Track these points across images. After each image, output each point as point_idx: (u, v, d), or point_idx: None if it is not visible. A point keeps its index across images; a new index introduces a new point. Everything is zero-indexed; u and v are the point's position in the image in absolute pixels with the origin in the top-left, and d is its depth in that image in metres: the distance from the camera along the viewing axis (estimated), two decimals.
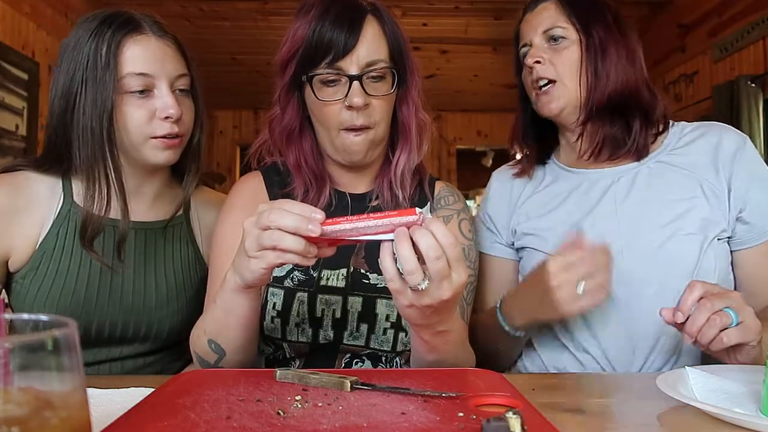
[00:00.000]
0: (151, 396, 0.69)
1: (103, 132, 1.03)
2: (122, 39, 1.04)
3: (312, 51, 0.98)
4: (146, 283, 1.13)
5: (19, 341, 0.39)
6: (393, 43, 1.03)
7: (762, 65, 3.41)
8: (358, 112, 0.99)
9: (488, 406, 0.68)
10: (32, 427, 0.39)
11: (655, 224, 1.08)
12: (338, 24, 0.97)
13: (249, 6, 4.34)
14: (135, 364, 1.14)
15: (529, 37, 1.18)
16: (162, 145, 1.07)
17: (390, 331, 1.03)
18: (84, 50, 1.03)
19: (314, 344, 1.03)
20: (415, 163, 1.11)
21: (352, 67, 0.98)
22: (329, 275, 1.05)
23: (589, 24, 1.14)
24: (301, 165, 1.08)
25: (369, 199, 1.12)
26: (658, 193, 1.11)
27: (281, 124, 1.08)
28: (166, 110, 1.05)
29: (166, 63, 1.06)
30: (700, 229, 1.06)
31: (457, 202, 1.17)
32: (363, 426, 0.59)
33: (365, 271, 1.05)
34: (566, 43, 1.14)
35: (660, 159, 1.14)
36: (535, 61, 1.14)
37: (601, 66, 1.12)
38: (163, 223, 1.17)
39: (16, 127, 3.49)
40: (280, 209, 0.74)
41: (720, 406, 0.67)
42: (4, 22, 3.36)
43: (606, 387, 0.88)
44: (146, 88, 1.05)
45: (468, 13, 4.49)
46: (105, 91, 1.02)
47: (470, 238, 1.13)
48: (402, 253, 0.71)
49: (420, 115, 1.10)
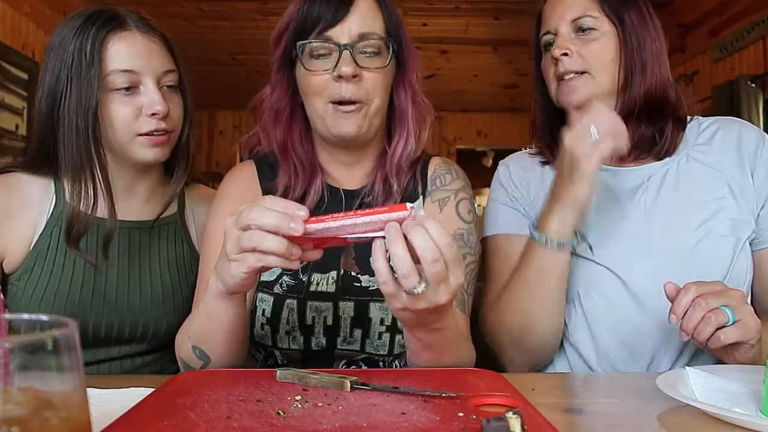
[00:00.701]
0: (151, 396, 0.69)
1: (88, 130, 1.02)
2: (106, 36, 1.03)
3: (302, 22, 0.95)
4: (141, 282, 1.12)
5: (19, 341, 0.39)
6: (389, 19, 0.98)
7: (762, 65, 3.41)
8: (347, 82, 0.93)
9: (488, 406, 0.67)
10: (32, 427, 0.39)
11: (688, 226, 1.05)
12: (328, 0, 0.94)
13: (249, 6, 4.34)
14: (134, 363, 1.13)
15: (553, 24, 1.09)
16: (149, 143, 1.06)
17: (385, 335, 0.99)
18: (69, 48, 1.02)
19: (307, 351, 1.00)
20: (415, 155, 1.05)
21: (343, 37, 0.94)
22: (319, 279, 1.00)
23: (623, 12, 1.06)
24: (288, 149, 1.04)
25: (363, 195, 1.06)
26: (688, 193, 1.07)
27: (270, 103, 1.04)
28: (152, 107, 1.04)
29: (151, 59, 1.05)
30: (732, 230, 1.04)
31: (455, 180, 1.09)
32: (363, 426, 0.59)
33: (356, 274, 1.00)
34: (596, 35, 1.06)
35: (684, 156, 1.10)
36: (563, 53, 1.06)
37: (638, 60, 1.05)
38: (157, 223, 1.16)
39: (16, 127, 3.49)
40: (260, 207, 0.69)
41: (720, 406, 0.67)
42: (4, 22, 3.36)
43: (606, 387, 0.88)
44: (132, 84, 1.04)
45: (468, 13, 4.49)
46: (90, 89, 1.01)
47: (469, 220, 1.06)
48: (395, 252, 0.66)
49: (419, 100, 1.04)
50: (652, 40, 1.07)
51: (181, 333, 0.93)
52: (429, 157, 1.12)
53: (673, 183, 1.09)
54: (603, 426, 0.67)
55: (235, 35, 4.88)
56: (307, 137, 1.06)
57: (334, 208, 1.04)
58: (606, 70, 1.06)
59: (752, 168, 1.06)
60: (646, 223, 1.07)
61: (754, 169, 1.06)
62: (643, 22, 1.07)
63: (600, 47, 1.06)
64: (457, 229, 1.03)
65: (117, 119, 1.04)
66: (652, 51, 1.06)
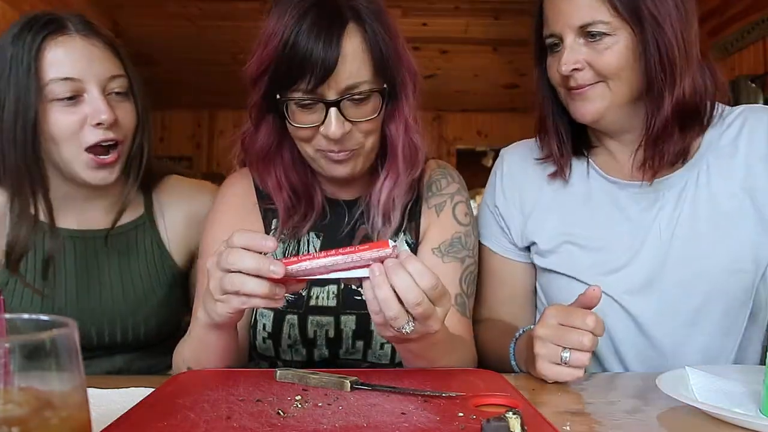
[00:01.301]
0: (151, 396, 0.69)
1: (26, 143, 0.96)
2: (43, 42, 0.96)
3: (284, 70, 0.86)
4: (113, 290, 1.09)
5: (19, 341, 0.39)
6: (378, 55, 0.89)
7: (762, 65, 3.41)
8: (336, 142, 0.89)
9: (488, 406, 0.67)
10: (32, 427, 0.39)
11: (704, 256, 0.96)
12: (314, 38, 0.83)
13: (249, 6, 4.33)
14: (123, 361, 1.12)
15: (558, 29, 0.95)
16: (95, 164, 1.00)
17: (387, 345, 0.98)
18: (6, 56, 0.96)
19: (310, 362, 1.00)
20: (405, 189, 0.99)
21: (330, 92, 0.86)
22: (319, 293, 0.99)
23: (639, 5, 0.89)
24: (282, 186, 0.99)
25: (362, 204, 1.03)
26: (706, 214, 0.97)
27: (256, 144, 0.98)
28: (97, 116, 0.97)
29: (93, 64, 0.98)
30: (753, 260, 0.94)
31: (450, 184, 1.07)
32: (363, 426, 0.59)
33: (356, 287, 0.98)
34: (609, 42, 0.91)
35: (705, 165, 0.98)
36: (573, 69, 0.93)
37: (665, 62, 0.90)
38: (124, 228, 1.12)
39: None
40: (237, 250, 0.69)
41: (720, 407, 0.67)
42: (4, 22, 3.36)
43: (606, 387, 0.88)
44: (74, 93, 0.97)
45: (468, 13, 4.49)
46: (27, 99, 0.95)
47: (467, 223, 1.04)
48: (381, 296, 0.67)
49: (411, 136, 0.97)
50: (679, 24, 0.90)
51: (177, 355, 0.93)
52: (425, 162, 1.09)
53: (690, 201, 0.98)
54: (603, 426, 0.67)
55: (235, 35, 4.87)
56: (300, 158, 1.00)
57: (336, 221, 1.03)
58: (624, 79, 0.93)
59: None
60: (659, 251, 0.98)
61: None
62: (663, 4, 0.90)
63: (615, 56, 0.91)
64: (454, 232, 1.03)
65: (59, 132, 0.97)
66: (678, 41, 0.90)
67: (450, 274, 0.99)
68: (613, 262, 1.01)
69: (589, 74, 0.94)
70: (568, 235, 1.05)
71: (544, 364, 0.82)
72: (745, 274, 0.95)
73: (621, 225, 1.01)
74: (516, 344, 0.95)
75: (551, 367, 0.81)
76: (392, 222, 0.99)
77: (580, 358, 0.80)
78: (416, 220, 1.04)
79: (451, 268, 1.00)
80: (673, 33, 0.90)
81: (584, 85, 0.94)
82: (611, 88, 0.94)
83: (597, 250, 1.02)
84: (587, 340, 0.79)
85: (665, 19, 0.90)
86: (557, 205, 1.07)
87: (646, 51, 0.91)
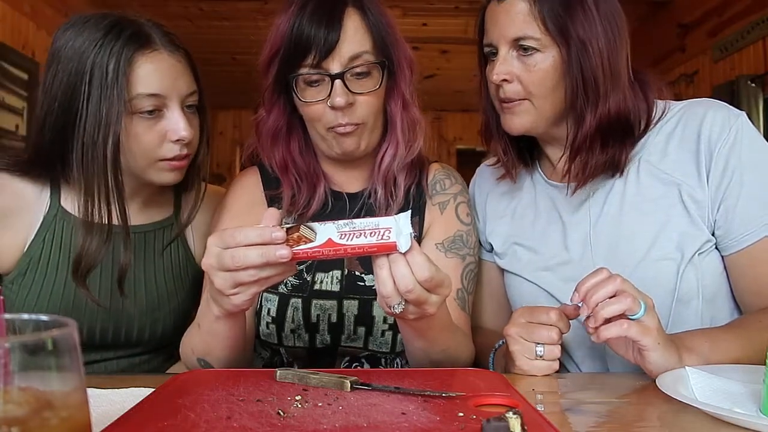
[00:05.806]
0: (151, 396, 0.69)
1: (107, 153, 0.96)
2: (133, 55, 0.96)
3: (291, 50, 0.95)
4: (136, 287, 1.10)
5: (19, 341, 0.39)
6: (377, 34, 0.97)
7: (762, 65, 3.40)
8: (342, 111, 0.96)
9: (488, 406, 0.67)
10: (32, 427, 0.39)
11: (628, 247, 0.99)
12: (317, 20, 0.93)
13: (249, 6, 4.34)
14: (130, 362, 1.13)
15: (494, 39, 1.00)
16: (169, 167, 1.03)
17: (388, 333, 1.01)
18: (87, 61, 0.95)
19: (311, 348, 1.02)
20: (405, 161, 1.05)
21: (334, 65, 0.94)
22: (323, 278, 1.03)
23: (567, 24, 0.94)
24: (288, 166, 1.05)
25: (365, 198, 1.08)
26: (632, 207, 1.01)
27: (266, 126, 1.04)
28: (177, 132, 0.99)
29: (177, 81, 1.00)
30: (677, 247, 0.96)
31: (453, 184, 1.13)
32: (363, 426, 0.59)
33: (360, 273, 1.03)
34: (538, 58, 0.96)
35: (636, 162, 1.02)
36: (503, 80, 0.98)
37: (588, 79, 0.94)
38: (153, 227, 1.14)
39: (16, 127, 3.48)
40: (238, 248, 0.70)
41: (720, 406, 0.67)
42: (4, 22, 3.36)
43: (606, 387, 0.88)
44: (156, 108, 0.98)
45: (468, 13, 4.49)
46: (112, 109, 0.94)
47: (468, 222, 1.10)
48: (379, 274, 0.72)
49: (409, 112, 1.04)
50: (606, 47, 0.95)
51: (185, 346, 0.95)
52: (429, 164, 1.15)
53: (618, 197, 1.02)
54: (603, 426, 0.67)
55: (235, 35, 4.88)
56: (307, 147, 1.08)
57: (338, 212, 1.06)
58: (548, 97, 0.98)
59: (708, 167, 0.95)
60: (586, 247, 1.04)
61: (710, 168, 0.95)
62: (589, 23, 0.94)
63: (542, 74, 0.96)
64: (457, 230, 1.08)
65: (140, 146, 0.99)
66: (603, 63, 0.94)
67: (452, 270, 1.02)
68: (548, 260, 1.08)
69: (517, 88, 0.98)
70: (515, 237, 1.13)
71: (521, 360, 0.89)
72: (671, 261, 0.96)
73: (555, 225, 1.09)
74: (495, 354, 1.01)
75: (528, 362, 0.89)
76: (395, 196, 1.05)
77: (553, 351, 0.88)
78: (420, 215, 1.08)
79: (452, 264, 1.04)
80: (600, 56, 0.94)
81: (512, 99, 1.00)
82: (536, 106, 0.99)
83: (535, 249, 1.10)
84: (554, 334, 0.88)
85: (592, 42, 0.94)
86: (510, 210, 1.17)
87: (570, 71, 0.96)
